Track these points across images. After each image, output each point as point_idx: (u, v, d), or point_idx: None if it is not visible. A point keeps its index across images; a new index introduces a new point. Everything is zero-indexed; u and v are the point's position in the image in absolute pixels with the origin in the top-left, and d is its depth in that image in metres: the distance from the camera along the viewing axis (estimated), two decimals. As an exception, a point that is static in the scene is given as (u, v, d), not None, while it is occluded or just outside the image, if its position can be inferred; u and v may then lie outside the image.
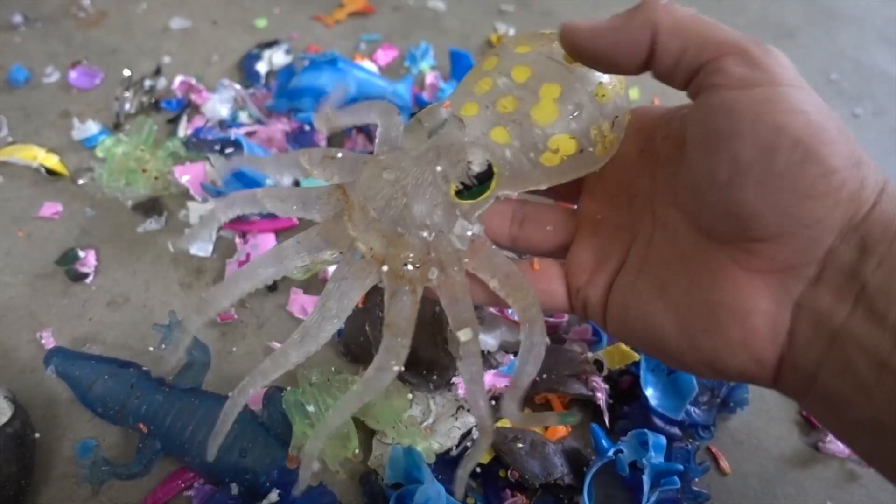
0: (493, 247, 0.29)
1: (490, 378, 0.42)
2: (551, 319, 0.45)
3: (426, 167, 0.28)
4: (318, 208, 0.30)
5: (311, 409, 0.38)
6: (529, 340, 0.27)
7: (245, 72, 0.65)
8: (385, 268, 0.28)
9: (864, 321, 0.21)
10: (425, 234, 0.28)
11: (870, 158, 0.22)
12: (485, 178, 0.28)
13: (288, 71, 0.63)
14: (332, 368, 0.41)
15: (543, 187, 0.29)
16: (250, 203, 0.30)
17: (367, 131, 0.59)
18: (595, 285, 0.28)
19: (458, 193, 0.28)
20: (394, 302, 0.28)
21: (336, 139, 0.58)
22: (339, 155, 0.30)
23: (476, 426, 0.41)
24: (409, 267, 0.28)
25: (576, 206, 0.31)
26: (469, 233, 0.28)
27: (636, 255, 0.27)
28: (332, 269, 0.49)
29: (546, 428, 0.41)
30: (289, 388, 0.39)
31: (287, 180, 0.51)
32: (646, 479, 0.37)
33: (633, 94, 0.65)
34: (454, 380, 0.42)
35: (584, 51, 0.25)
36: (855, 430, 0.22)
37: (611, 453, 0.38)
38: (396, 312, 0.28)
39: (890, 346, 0.20)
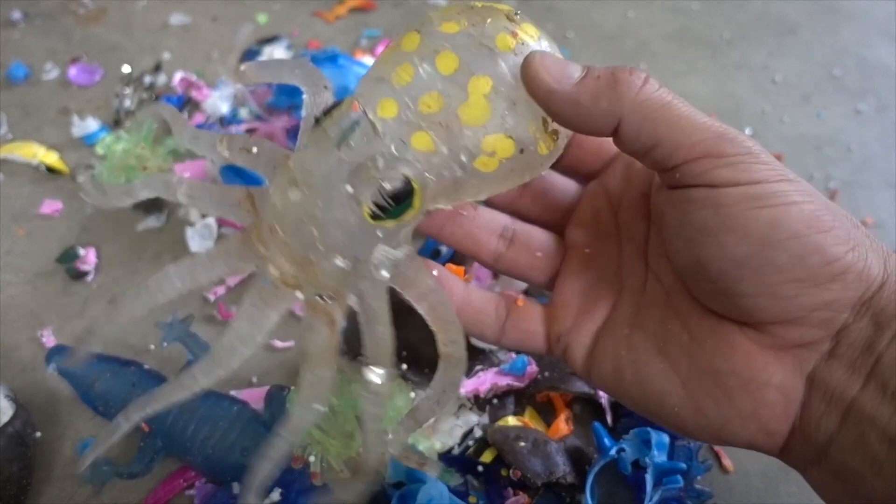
0: (422, 268, 0.26)
1: (491, 376, 0.42)
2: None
3: (334, 186, 0.24)
4: (235, 214, 0.26)
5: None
6: (443, 379, 0.25)
7: (245, 68, 0.65)
8: (299, 294, 0.25)
9: (876, 396, 0.21)
10: (340, 262, 0.24)
11: (868, 234, 0.22)
12: (404, 195, 0.24)
13: (288, 67, 0.63)
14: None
15: (483, 197, 0.26)
16: (165, 189, 0.27)
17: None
18: (580, 333, 0.27)
19: (375, 216, 0.24)
20: (308, 333, 0.25)
21: None
22: (255, 150, 0.27)
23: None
24: (323, 299, 0.25)
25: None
26: (392, 257, 0.25)
27: (629, 305, 0.26)
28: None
29: (548, 426, 0.41)
30: (292, 387, 0.39)
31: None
32: (648, 477, 0.37)
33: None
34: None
35: (545, 104, 0.23)
36: None
37: (613, 452, 0.38)
38: (312, 343, 0.25)
39: (857, 384, 0.21)
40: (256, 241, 0.25)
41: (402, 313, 0.45)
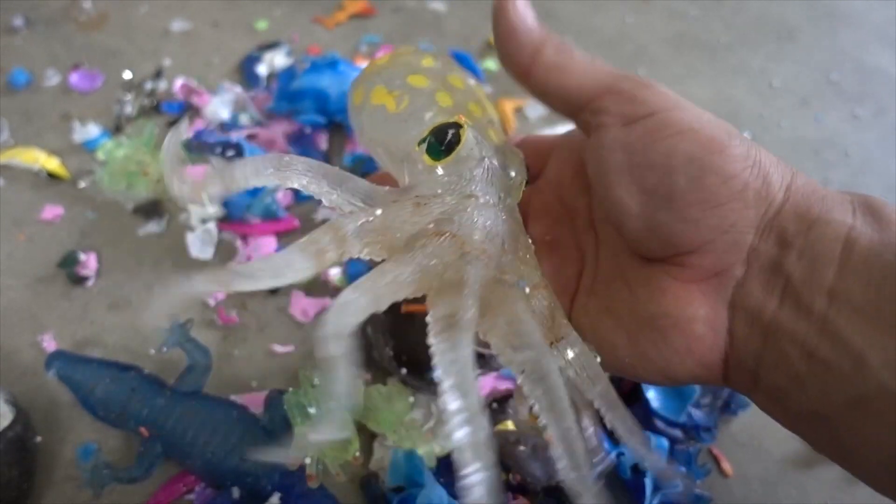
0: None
1: (491, 381, 0.42)
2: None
3: (487, 206, 0.25)
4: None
5: (312, 410, 0.38)
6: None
7: (246, 74, 0.65)
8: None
9: (792, 313, 0.22)
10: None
11: (771, 154, 0.23)
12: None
13: (289, 73, 0.63)
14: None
15: None
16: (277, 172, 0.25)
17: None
18: None
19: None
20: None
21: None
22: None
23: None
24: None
25: None
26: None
27: (587, 277, 0.28)
28: (332, 271, 0.49)
29: (548, 430, 0.41)
30: (290, 389, 0.39)
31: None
32: (648, 482, 0.37)
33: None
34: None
35: (496, 22, 0.27)
36: (796, 421, 0.23)
37: (613, 456, 0.38)
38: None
39: (816, 337, 0.21)
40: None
41: (402, 318, 0.45)
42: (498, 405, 0.42)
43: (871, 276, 0.20)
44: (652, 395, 0.40)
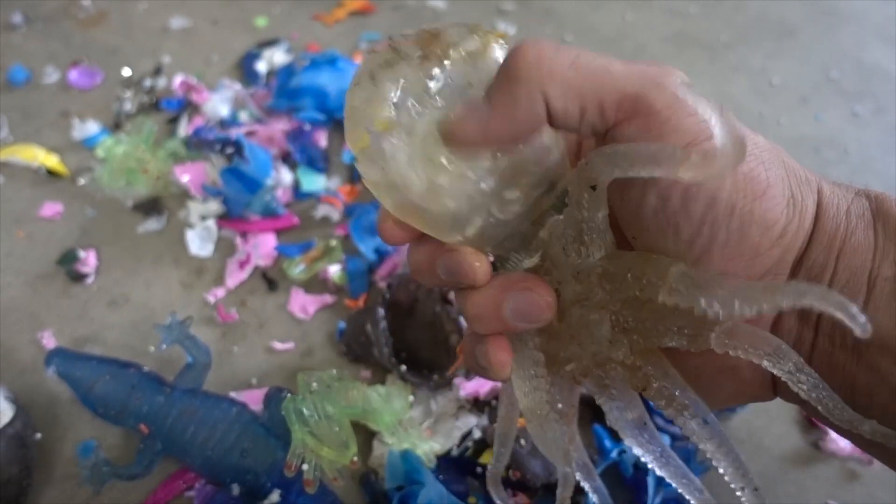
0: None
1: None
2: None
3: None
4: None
5: (306, 413, 0.37)
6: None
7: (245, 71, 0.65)
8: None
9: (828, 345, 0.22)
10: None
11: (796, 164, 0.22)
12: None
13: (288, 70, 0.63)
14: (334, 371, 0.41)
15: None
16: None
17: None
18: None
19: None
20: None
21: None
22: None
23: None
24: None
25: None
26: None
27: None
28: (332, 268, 0.49)
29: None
30: (289, 395, 0.39)
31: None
32: (650, 480, 0.37)
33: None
34: (455, 380, 0.42)
35: (486, 145, 0.22)
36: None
37: (614, 454, 0.38)
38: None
39: (854, 367, 0.21)
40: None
41: (402, 314, 0.45)
42: (497, 402, 0.42)
43: (893, 308, 0.20)
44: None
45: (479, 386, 0.42)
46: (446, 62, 0.21)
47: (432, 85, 0.21)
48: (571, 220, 0.22)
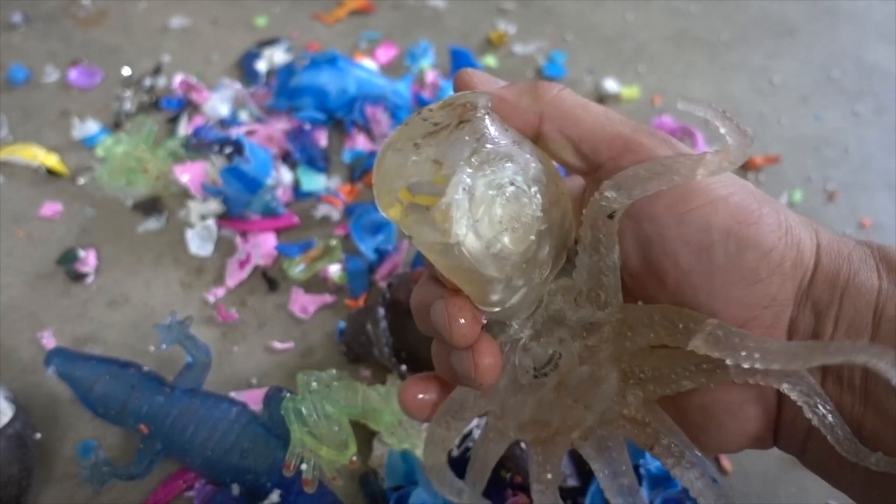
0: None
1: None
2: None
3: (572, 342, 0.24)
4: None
5: (305, 412, 0.37)
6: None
7: (245, 70, 0.65)
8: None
9: (836, 387, 0.21)
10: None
11: (793, 213, 0.22)
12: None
13: (288, 69, 0.63)
14: (334, 371, 0.40)
15: None
16: None
17: (367, 128, 0.58)
18: None
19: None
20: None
21: None
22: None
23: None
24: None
25: None
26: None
27: None
28: (332, 268, 0.49)
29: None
30: (288, 394, 0.39)
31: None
32: (644, 489, 0.37)
33: (633, 92, 0.65)
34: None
35: None
36: (846, 485, 0.23)
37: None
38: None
39: (861, 408, 0.21)
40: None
41: (402, 315, 0.45)
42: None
43: None
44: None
45: (479, 386, 0.42)
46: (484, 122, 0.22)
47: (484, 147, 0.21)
48: (585, 267, 0.23)
